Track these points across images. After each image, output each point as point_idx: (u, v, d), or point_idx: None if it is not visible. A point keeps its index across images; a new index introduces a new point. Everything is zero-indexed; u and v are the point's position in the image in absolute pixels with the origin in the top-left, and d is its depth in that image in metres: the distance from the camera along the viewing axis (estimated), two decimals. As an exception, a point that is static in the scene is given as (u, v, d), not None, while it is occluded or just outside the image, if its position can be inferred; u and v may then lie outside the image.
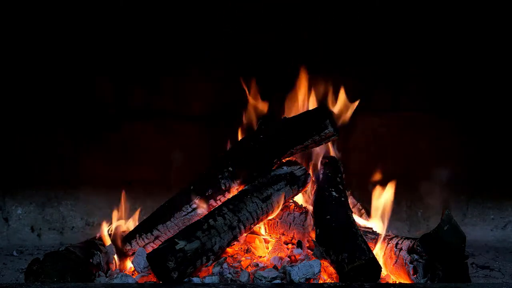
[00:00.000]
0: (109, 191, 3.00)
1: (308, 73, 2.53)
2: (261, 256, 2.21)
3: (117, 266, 2.18)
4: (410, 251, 1.97)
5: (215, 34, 2.96)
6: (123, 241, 2.23)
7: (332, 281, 1.97)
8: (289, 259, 2.13)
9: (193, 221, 2.13)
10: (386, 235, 2.17)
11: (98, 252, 2.10)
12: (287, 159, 2.34)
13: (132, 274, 2.10)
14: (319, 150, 2.44)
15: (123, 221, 2.36)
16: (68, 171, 3.05)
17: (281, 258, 2.13)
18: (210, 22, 2.96)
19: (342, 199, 2.21)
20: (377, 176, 2.48)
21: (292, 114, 2.43)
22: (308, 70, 2.54)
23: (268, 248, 2.25)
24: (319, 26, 2.95)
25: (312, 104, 2.49)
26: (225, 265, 2.02)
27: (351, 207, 2.26)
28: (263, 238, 2.29)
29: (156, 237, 2.23)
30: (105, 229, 2.28)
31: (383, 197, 2.31)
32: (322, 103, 2.46)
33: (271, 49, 2.91)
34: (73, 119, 3.03)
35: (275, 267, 2.03)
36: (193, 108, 3.05)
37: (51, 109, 3.01)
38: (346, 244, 1.92)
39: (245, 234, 2.18)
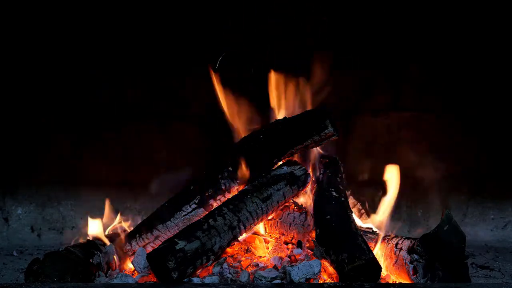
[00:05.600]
0: (109, 191, 3.00)
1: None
2: (261, 256, 2.21)
3: (117, 266, 2.18)
4: (410, 251, 1.97)
5: (216, 36, 2.97)
6: (123, 241, 2.23)
7: (332, 281, 1.96)
8: (289, 259, 2.13)
9: (193, 221, 2.13)
10: (386, 235, 2.17)
11: (98, 252, 2.09)
12: (287, 159, 2.34)
13: (132, 274, 2.10)
14: (319, 150, 2.44)
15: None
16: (68, 171, 3.05)
17: (281, 258, 2.13)
18: (210, 24, 2.96)
19: (342, 199, 2.21)
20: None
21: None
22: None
23: (268, 248, 2.25)
24: (319, 25, 2.95)
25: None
26: (225, 265, 2.02)
27: (351, 207, 2.26)
28: (263, 238, 2.29)
29: (156, 237, 2.23)
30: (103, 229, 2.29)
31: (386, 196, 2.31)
32: (322, 103, 2.46)
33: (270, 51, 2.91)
34: (73, 119, 3.04)
35: (275, 267, 2.03)
36: (193, 108, 3.06)
37: (51, 109, 3.02)
38: (346, 244, 1.92)
39: (245, 234, 2.19)
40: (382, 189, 2.35)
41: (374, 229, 2.27)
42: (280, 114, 2.47)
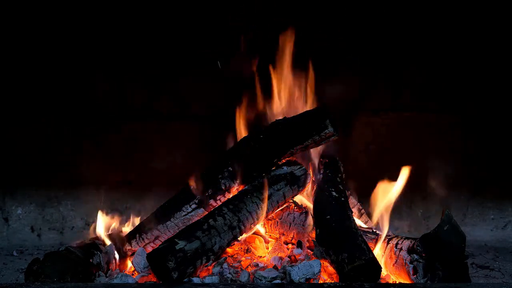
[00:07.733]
0: (109, 191, 3.00)
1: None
2: (261, 256, 2.21)
3: (117, 266, 2.18)
4: (410, 251, 1.97)
5: (216, 35, 2.97)
6: (123, 241, 2.23)
7: (332, 281, 1.96)
8: (289, 259, 2.13)
9: (193, 221, 2.13)
10: (386, 235, 2.17)
11: (98, 252, 2.09)
12: (287, 159, 2.34)
13: (132, 274, 2.10)
14: (319, 150, 2.44)
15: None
16: (68, 171, 3.05)
17: (281, 258, 2.13)
18: (210, 23, 2.96)
19: (342, 199, 2.21)
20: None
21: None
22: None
23: (268, 248, 2.25)
24: (319, 25, 2.95)
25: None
26: (225, 265, 2.02)
27: (351, 207, 2.26)
28: (263, 238, 2.29)
29: (156, 237, 2.23)
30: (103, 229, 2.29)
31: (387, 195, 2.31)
32: (323, 103, 2.45)
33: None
34: (73, 119, 3.03)
35: (275, 267, 2.03)
36: (193, 108, 3.06)
37: (51, 109, 3.02)
38: (346, 244, 1.92)
39: (245, 234, 2.19)
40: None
41: (374, 229, 2.27)
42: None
